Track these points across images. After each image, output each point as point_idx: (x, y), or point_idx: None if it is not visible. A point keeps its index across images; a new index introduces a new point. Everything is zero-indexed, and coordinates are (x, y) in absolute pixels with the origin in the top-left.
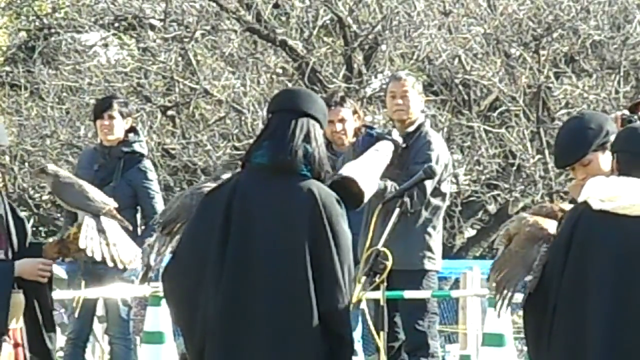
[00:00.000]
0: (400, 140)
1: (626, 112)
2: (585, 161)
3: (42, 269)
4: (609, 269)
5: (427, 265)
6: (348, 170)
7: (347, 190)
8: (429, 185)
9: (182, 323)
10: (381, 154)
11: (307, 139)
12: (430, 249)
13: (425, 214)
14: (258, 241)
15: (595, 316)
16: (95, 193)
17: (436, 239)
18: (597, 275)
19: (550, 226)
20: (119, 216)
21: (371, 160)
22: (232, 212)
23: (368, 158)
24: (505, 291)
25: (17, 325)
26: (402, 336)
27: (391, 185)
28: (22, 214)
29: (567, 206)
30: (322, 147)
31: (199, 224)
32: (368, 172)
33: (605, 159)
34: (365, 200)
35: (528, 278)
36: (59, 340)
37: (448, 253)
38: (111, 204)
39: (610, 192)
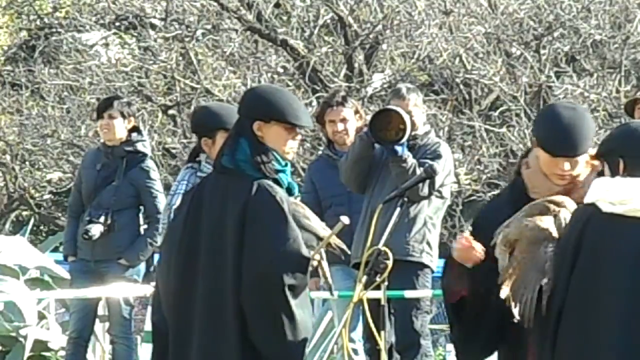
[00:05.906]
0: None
1: None
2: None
3: None
4: (622, 274)
5: (425, 259)
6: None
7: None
8: (438, 180)
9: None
10: None
11: (238, 140)
12: (429, 245)
13: (427, 210)
14: (203, 235)
15: (608, 322)
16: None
17: (435, 236)
18: (610, 281)
19: (549, 224)
20: None
21: None
22: (191, 208)
23: None
24: (524, 297)
25: None
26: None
27: (412, 164)
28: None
29: (557, 198)
30: (254, 141)
31: (174, 218)
32: None
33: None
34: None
35: (544, 281)
36: (61, 340)
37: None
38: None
39: (621, 194)
